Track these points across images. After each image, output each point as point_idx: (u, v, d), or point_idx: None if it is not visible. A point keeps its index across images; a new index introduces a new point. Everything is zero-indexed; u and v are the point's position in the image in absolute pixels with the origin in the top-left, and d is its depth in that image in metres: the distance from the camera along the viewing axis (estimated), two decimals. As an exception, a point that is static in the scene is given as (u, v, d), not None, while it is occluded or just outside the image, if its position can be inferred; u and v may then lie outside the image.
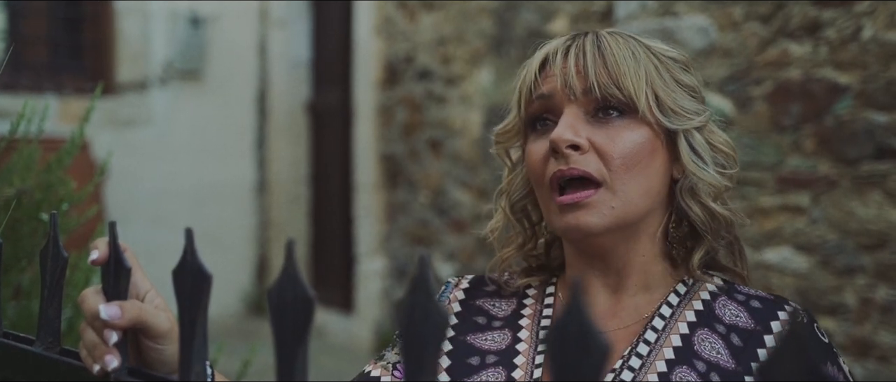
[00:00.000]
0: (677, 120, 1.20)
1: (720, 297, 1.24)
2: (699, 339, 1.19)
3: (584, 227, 1.18)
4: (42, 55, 6.30)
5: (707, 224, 1.23)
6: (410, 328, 0.61)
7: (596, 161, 1.18)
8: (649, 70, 1.20)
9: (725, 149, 1.26)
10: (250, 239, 7.05)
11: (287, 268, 0.68)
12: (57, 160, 1.96)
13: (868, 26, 3.12)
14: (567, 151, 1.17)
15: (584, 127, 1.19)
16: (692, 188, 1.22)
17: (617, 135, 1.18)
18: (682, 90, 1.22)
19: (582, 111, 1.20)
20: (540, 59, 1.24)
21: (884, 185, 3.09)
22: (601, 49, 1.20)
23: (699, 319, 1.22)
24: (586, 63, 1.19)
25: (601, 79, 1.18)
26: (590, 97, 1.19)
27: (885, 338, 3.09)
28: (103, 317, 0.89)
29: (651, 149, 1.19)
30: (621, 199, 1.18)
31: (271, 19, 6.91)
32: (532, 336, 1.27)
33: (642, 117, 1.18)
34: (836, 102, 3.22)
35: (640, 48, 1.22)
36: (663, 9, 3.84)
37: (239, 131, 6.97)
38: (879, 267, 3.12)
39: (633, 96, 1.17)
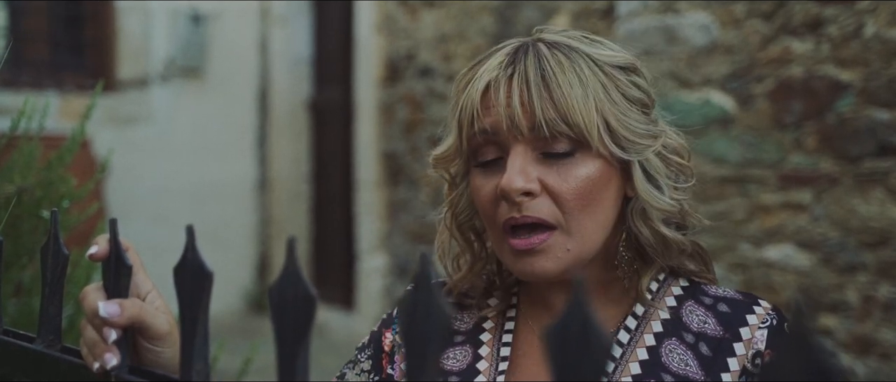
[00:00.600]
0: (632, 148, 1.13)
1: (687, 302, 1.20)
2: (667, 351, 1.15)
3: (541, 273, 1.13)
4: (43, 52, 6.30)
5: (656, 248, 1.17)
6: (412, 326, 0.61)
7: (549, 204, 1.12)
8: (598, 95, 1.11)
9: (682, 162, 1.20)
10: (251, 236, 7.05)
11: (288, 266, 0.67)
12: (58, 157, 1.96)
13: (870, 23, 3.12)
14: (519, 199, 1.11)
15: (534, 167, 1.12)
16: (643, 210, 1.16)
17: (569, 173, 1.12)
18: (633, 110, 1.15)
19: (530, 149, 1.12)
20: (480, 89, 1.14)
21: (885, 183, 3.08)
22: (545, 78, 1.11)
23: (666, 329, 1.17)
24: (531, 97, 1.10)
25: (548, 116, 1.09)
26: (537, 134, 1.10)
27: (886, 336, 3.09)
28: (102, 315, 0.89)
29: (605, 181, 1.13)
30: (577, 240, 1.13)
31: (272, 17, 6.90)
32: (493, 353, 1.22)
33: (594, 150, 1.11)
34: (838, 100, 3.22)
35: (586, 65, 1.13)
36: (665, 6, 3.84)
37: (240, 129, 6.97)
38: (881, 265, 3.12)
39: (584, 132, 1.10)
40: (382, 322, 1.33)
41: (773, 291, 3.41)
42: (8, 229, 1.77)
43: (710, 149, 3.61)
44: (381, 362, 1.28)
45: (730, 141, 3.57)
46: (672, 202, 1.16)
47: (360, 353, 1.30)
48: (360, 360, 1.29)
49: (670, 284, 1.22)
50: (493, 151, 1.15)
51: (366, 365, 1.28)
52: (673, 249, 1.18)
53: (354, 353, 1.31)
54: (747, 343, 1.14)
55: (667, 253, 1.18)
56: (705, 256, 1.24)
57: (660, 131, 1.17)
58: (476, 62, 1.21)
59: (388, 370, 1.27)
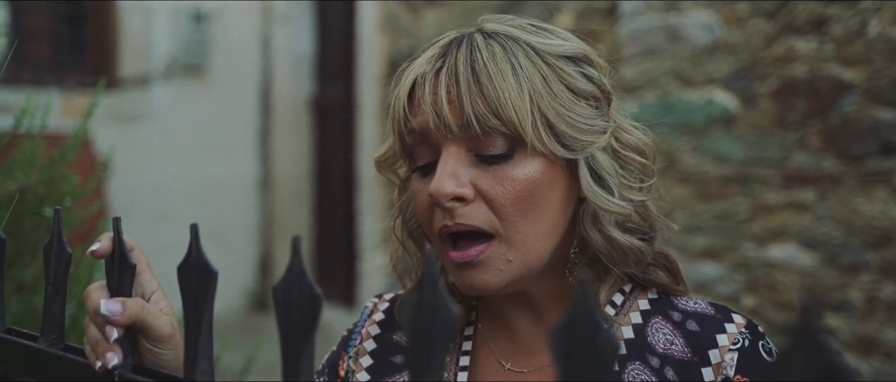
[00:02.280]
0: (575, 144, 1.03)
1: (653, 319, 1.09)
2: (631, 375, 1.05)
3: (482, 287, 1.04)
4: (45, 50, 6.30)
5: (608, 254, 1.06)
6: (418, 326, 0.60)
7: (484, 211, 1.02)
8: (535, 86, 1.01)
9: (640, 160, 1.08)
10: (253, 235, 7.05)
11: (293, 265, 0.67)
12: (60, 155, 1.96)
13: (874, 22, 3.11)
14: (450, 205, 1.02)
15: (466, 170, 1.02)
16: (594, 213, 1.05)
17: (505, 176, 1.01)
18: (578, 103, 1.04)
19: (463, 149, 1.02)
20: (407, 86, 1.06)
21: (889, 182, 3.08)
22: (476, 70, 1.01)
23: (630, 350, 1.07)
24: (460, 91, 1.00)
25: (478, 110, 0.99)
26: (468, 132, 1.00)
27: (890, 336, 3.08)
28: (103, 312, 0.89)
29: (548, 183, 1.03)
30: (519, 250, 1.02)
31: (274, 15, 6.90)
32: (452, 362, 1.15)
33: (532, 147, 1.00)
34: (842, 99, 3.21)
35: (524, 55, 1.03)
36: (668, 5, 3.83)
37: (242, 127, 6.96)
38: (885, 265, 3.11)
39: (517, 128, 0.99)
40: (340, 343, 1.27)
41: (776, 291, 3.41)
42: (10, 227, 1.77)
43: (713, 148, 3.61)
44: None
45: (733, 140, 3.56)
46: (623, 204, 1.05)
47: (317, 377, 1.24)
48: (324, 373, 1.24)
49: (637, 297, 1.12)
50: (427, 154, 1.06)
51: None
52: (629, 256, 1.07)
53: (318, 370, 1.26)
54: (716, 368, 1.04)
55: (623, 261, 1.07)
56: (672, 266, 1.13)
57: (608, 126, 1.06)
58: (413, 57, 1.12)
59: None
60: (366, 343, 1.23)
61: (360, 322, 1.27)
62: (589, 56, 1.09)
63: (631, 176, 1.08)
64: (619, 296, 1.12)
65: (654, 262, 1.11)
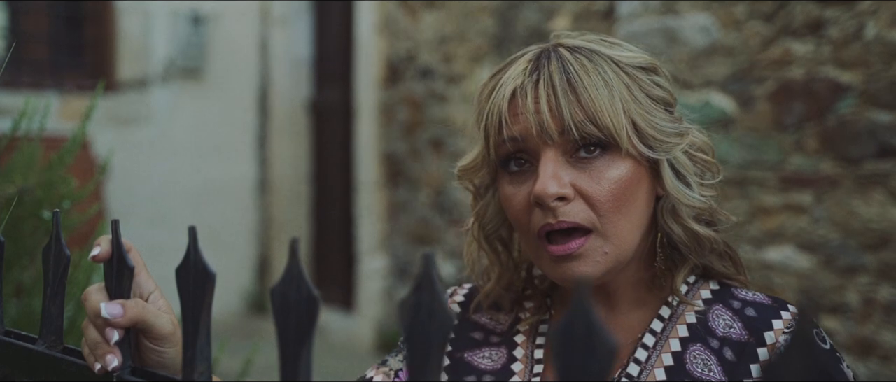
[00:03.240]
0: (660, 147, 1.14)
1: (715, 306, 1.19)
2: (691, 356, 1.15)
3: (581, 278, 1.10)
4: (43, 53, 6.30)
5: (689, 244, 1.18)
6: (415, 327, 0.61)
7: (584, 208, 1.11)
8: (623, 96, 1.12)
9: (708, 159, 1.20)
10: (251, 237, 7.05)
11: (291, 267, 0.67)
12: (58, 158, 1.96)
13: (871, 25, 3.12)
14: (554, 205, 1.11)
15: (566, 171, 1.12)
16: (673, 208, 1.16)
17: (601, 175, 1.12)
18: (657, 109, 1.15)
19: (560, 153, 1.12)
20: (507, 96, 1.14)
21: (886, 184, 3.08)
22: (571, 81, 1.11)
23: (692, 334, 1.17)
24: (559, 102, 1.10)
25: (577, 118, 1.10)
26: (567, 138, 1.11)
27: (887, 338, 3.09)
28: (104, 315, 0.89)
29: (636, 181, 1.13)
30: (614, 243, 1.12)
31: (272, 18, 6.90)
32: (528, 354, 1.23)
33: (624, 150, 1.11)
34: (839, 101, 3.22)
35: (609, 67, 1.13)
36: (665, 7, 3.84)
37: (240, 130, 6.96)
38: (882, 267, 3.12)
39: (612, 133, 1.10)
40: None
41: (773, 293, 3.41)
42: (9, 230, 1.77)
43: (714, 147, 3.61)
44: None
45: (730, 142, 3.57)
46: (702, 198, 1.17)
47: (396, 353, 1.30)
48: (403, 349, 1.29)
49: (700, 287, 1.22)
50: (522, 158, 1.15)
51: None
52: (705, 245, 1.18)
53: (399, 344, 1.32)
54: (771, 348, 1.14)
55: (699, 250, 1.18)
56: (736, 257, 1.24)
57: (685, 129, 1.17)
58: (497, 70, 1.19)
59: None
60: None
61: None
62: (657, 66, 1.20)
63: (700, 174, 1.19)
64: (684, 286, 1.21)
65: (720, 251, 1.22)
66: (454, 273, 5.08)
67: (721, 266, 1.22)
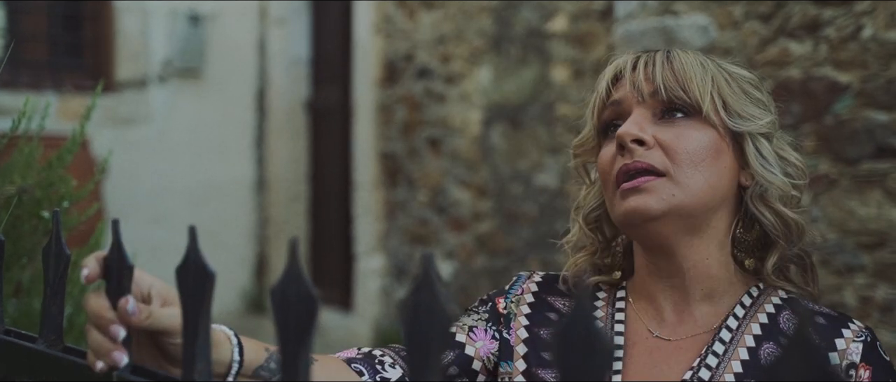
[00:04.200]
0: (743, 122, 1.23)
1: (785, 311, 1.25)
2: (765, 354, 1.20)
3: (643, 210, 1.19)
4: (42, 53, 6.30)
5: (779, 229, 1.25)
6: (414, 327, 0.61)
7: (661, 155, 1.20)
8: (717, 78, 1.24)
9: (796, 162, 1.29)
10: (249, 237, 7.05)
11: (291, 267, 0.67)
12: (57, 158, 1.96)
13: (868, 25, 3.12)
14: (632, 146, 1.20)
15: (650, 126, 1.22)
16: (762, 194, 1.24)
17: (682, 133, 1.22)
18: (749, 102, 1.26)
19: (650, 113, 1.24)
20: (613, 70, 1.29)
21: (884, 184, 3.09)
22: (670, 58, 1.25)
23: (765, 332, 1.23)
24: (655, 69, 1.24)
25: (668, 82, 1.22)
26: (657, 99, 1.23)
27: (885, 337, 3.09)
28: (129, 310, 0.89)
29: (716, 150, 1.22)
30: (683, 189, 1.19)
31: (271, 17, 6.90)
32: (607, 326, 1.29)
33: (707, 119, 1.22)
34: (836, 101, 3.22)
35: (711, 63, 1.26)
36: (663, 7, 3.84)
37: (238, 129, 6.96)
38: (879, 267, 3.12)
39: (698, 98, 1.21)
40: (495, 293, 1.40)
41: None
42: (8, 229, 1.77)
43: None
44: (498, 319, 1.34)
45: (728, 142, 3.57)
46: (785, 180, 1.25)
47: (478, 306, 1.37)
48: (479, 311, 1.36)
49: (769, 295, 1.28)
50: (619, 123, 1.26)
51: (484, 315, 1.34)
52: (793, 229, 1.26)
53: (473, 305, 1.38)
54: (841, 353, 1.20)
55: (787, 234, 1.25)
56: (813, 268, 1.31)
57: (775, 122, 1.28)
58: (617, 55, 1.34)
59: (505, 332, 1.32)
60: (526, 296, 1.37)
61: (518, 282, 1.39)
62: (761, 85, 1.31)
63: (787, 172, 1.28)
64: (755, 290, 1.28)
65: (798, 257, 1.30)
66: (452, 273, 5.09)
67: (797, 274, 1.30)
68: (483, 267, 5.01)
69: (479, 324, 1.32)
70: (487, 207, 4.83)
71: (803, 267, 1.31)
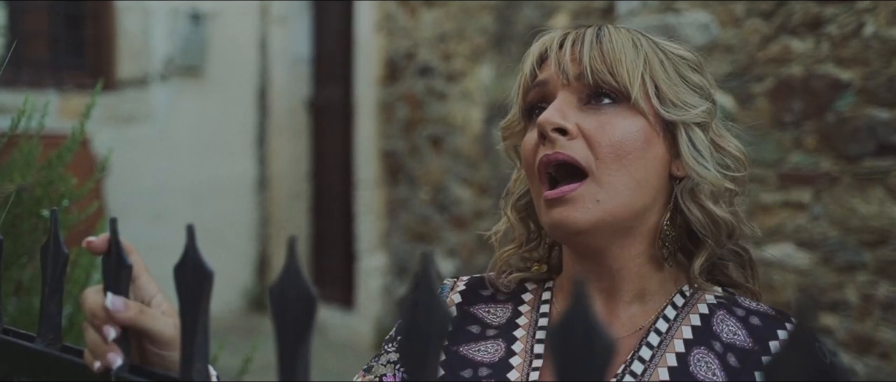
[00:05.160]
0: (676, 111, 1.15)
1: (719, 311, 1.18)
2: (695, 359, 1.13)
3: (570, 223, 1.12)
4: (43, 51, 6.30)
5: (707, 227, 1.16)
6: (413, 325, 0.61)
7: (583, 147, 1.13)
8: (651, 60, 1.15)
9: (734, 153, 1.20)
10: (251, 235, 7.05)
11: (289, 265, 0.67)
12: (57, 156, 1.95)
13: (870, 23, 3.11)
14: (553, 135, 1.13)
15: (574, 113, 1.14)
16: (693, 188, 1.15)
17: (608, 121, 1.13)
18: (686, 86, 1.17)
19: (575, 98, 1.15)
20: (539, 48, 1.20)
21: (885, 182, 3.08)
22: (600, 37, 1.16)
23: (696, 336, 1.15)
24: (582, 49, 1.15)
25: (595, 65, 1.13)
26: (582, 82, 1.14)
27: (886, 335, 3.09)
28: (108, 306, 0.89)
29: (645, 140, 1.14)
30: (607, 192, 1.12)
31: (272, 16, 6.90)
32: (527, 349, 1.21)
33: (636, 106, 1.13)
34: (838, 99, 3.21)
35: (645, 41, 1.17)
36: (664, 5, 3.84)
37: (239, 128, 6.96)
38: (881, 264, 3.12)
39: (627, 83, 1.13)
40: None
41: (772, 291, 3.41)
42: (7, 228, 1.77)
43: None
44: None
45: (730, 140, 3.56)
46: (717, 175, 1.16)
47: (386, 345, 1.29)
48: (387, 352, 1.28)
49: (704, 293, 1.20)
50: (544, 105, 1.18)
51: (392, 356, 1.26)
52: (722, 228, 1.17)
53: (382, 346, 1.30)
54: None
55: (716, 233, 1.17)
56: (753, 264, 1.24)
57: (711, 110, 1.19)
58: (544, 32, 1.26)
59: None
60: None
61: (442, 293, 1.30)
62: (701, 65, 1.22)
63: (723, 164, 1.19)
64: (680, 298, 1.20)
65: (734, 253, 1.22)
66: (453, 271, 5.08)
67: (736, 271, 1.23)
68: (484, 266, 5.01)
69: (387, 371, 1.24)
70: (489, 205, 4.83)
71: (742, 264, 1.23)
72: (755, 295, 1.23)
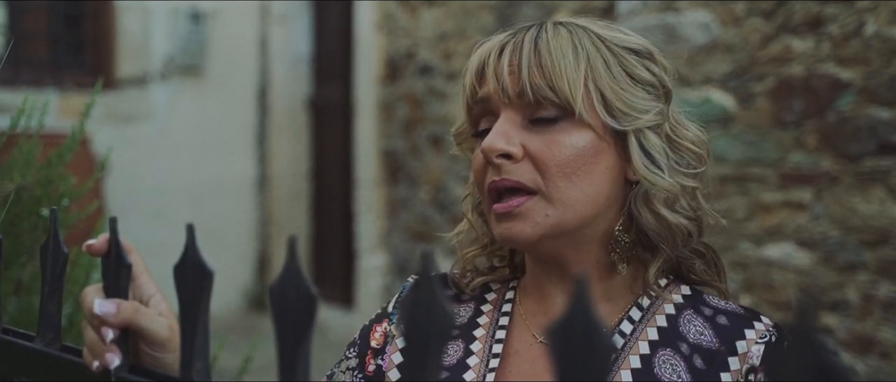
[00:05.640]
0: (625, 119, 1.10)
1: (686, 311, 1.15)
2: (660, 361, 1.10)
3: (519, 237, 1.11)
4: (42, 50, 6.30)
5: (660, 234, 1.12)
6: (414, 325, 0.61)
7: (530, 170, 1.09)
8: (595, 64, 1.10)
9: (693, 148, 1.16)
10: (251, 235, 7.05)
11: (289, 265, 0.67)
12: (57, 155, 1.95)
13: (870, 22, 3.11)
14: (498, 161, 1.10)
15: (518, 133, 1.10)
16: (646, 193, 1.11)
17: (554, 140, 1.09)
18: (635, 87, 1.12)
19: (519, 116, 1.11)
20: (477, 61, 1.15)
21: (886, 181, 3.08)
22: (538, 45, 1.11)
23: (661, 337, 1.12)
24: (521, 62, 1.10)
25: (534, 80, 1.08)
26: (524, 100, 1.09)
27: (886, 335, 3.09)
28: (97, 312, 0.89)
29: (594, 153, 1.10)
30: (557, 207, 1.09)
31: (272, 15, 6.90)
32: (485, 349, 1.19)
33: (582, 119, 1.08)
34: (839, 98, 3.21)
35: (589, 40, 1.12)
36: (665, 5, 3.83)
37: (239, 127, 6.96)
38: (881, 264, 3.11)
39: (569, 98, 1.07)
40: (375, 318, 1.30)
41: (773, 290, 3.41)
42: (7, 227, 1.77)
43: (710, 147, 3.61)
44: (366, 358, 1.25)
45: (730, 139, 3.56)
46: (671, 181, 1.12)
47: (347, 350, 1.28)
48: (348, 357, 1.27)
49: (672, 291, 1.17)
50: (488, 121, 1.14)
51: (352, 362, 1.26)
52: (677, 235, 1.13)
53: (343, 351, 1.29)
54: (743, 357, 1.10)
55: (670, 240, 1.13)
56: (718, 261, 1.20)
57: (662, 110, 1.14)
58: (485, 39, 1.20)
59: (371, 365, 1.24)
60: None
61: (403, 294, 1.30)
62: (652, 53, 1.16)
63: (682, 162, 1.15)
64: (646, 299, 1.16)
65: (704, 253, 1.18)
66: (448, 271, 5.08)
67: (702, 269, 1.18)
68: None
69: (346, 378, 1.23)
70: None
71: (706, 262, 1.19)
72: (723, 292, 1.20)
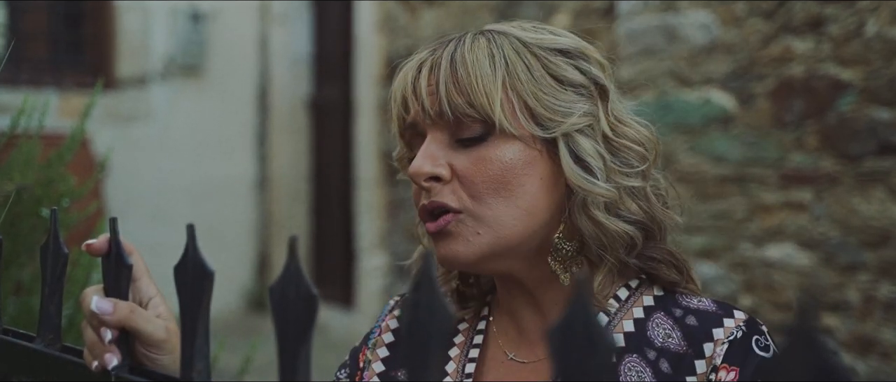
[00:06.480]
0: (550, 125, 1.06)
1: (655, 314, 1.11)
2: (626, 368, 1.08)
3: (454, 257, 1.08)
4: (42, 50, 6.30)
5: (599, 241, 1.08)
6: (415, 325, 0.60)
7: (456, 190, 1.07)
8: (514, 71, 1.06)
9: (634, 147, 1.10)
10: (251, 235, 7.05)
11: (290, 265, 0.67)
12: (57, 156, 1.95)
13: (871, 22, 3.11)
14: (427, 184, 1.08)
15: (445, 153, 1.08)
16: (584, 200, 1.07)
17: (480, 157, 1.06)
18: (562, 90, 1.07)
19: (446, 135, 1.08)
20: (400, 88, 1.13)
21: (886, 182, 3.08)
22: (454, 60, 1.07)
23: (629, 344, 1.09)
24: (438, 80, 1.07)
25: (452, 98, 1.05)
26: (445, 119, 1.07)
27: (887, 335, 3.09)
28: (93, 309, 0.88)
29: (523, 165, 1.06)
30: (489, 225, 1.06)
31: (272, 15, 6.90)
32: (459, 368, 1.17)
33: (506, 131, 1.05)
34: (839, 98, 3.21)
35: (509, 46, 1.08)
36: (665, 5, 3.83)
37: (239, 127, 6.96)
38: (882, 264, 3.11)
39: (488, 112, 1.04)
40: (364, 339, 1.30)
41: (773, 291, 3.41)
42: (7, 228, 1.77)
43: (710, 148, 3.61)
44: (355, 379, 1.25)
45: (730, 140, 3.56)
46: (607, 186, 1.07)
47: (339, 371, 1.28)
48: (340, 378, 1.28)
49: (643, 293, 1.14)
50: (419, 144, 1.11)
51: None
52: (617, 241, 1.08)
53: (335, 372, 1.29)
54: (708, 359, 1.07)
55: (611, 246, 1.08)
56: (681, 264, 1.14)
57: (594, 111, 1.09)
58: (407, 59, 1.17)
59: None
60: (384, 336, 1.27)
61: (382, 316, 1.30)
62: (584, 52, 1.12)
63: (623, 163, 1.09)
64: (625, 291, 1.14)
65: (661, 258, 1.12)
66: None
67: (666, 273, 1.13)
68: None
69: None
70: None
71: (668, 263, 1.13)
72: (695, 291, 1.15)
